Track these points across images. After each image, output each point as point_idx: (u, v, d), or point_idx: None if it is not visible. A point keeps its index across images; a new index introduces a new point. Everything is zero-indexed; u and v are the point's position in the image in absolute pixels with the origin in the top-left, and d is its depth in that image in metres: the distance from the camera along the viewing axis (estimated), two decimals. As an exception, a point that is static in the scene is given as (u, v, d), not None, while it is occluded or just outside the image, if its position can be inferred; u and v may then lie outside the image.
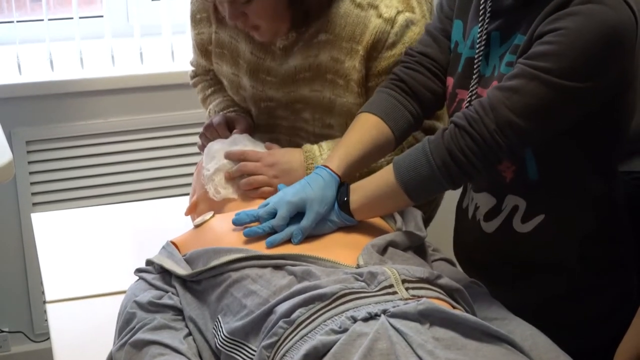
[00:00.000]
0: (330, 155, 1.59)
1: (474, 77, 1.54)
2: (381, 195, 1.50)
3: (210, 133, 1.87)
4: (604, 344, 1.54)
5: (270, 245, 1.46)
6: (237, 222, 1.51)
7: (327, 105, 1.82)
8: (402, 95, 1.66)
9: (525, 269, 1.61)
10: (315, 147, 1.76)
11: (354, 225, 1.53)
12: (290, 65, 1.81)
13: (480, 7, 1.54)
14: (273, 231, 1.49)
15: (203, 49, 1.97)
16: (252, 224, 1.52)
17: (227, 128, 1.87)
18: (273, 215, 1.50)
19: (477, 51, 1.54)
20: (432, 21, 1.70)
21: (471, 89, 1.55)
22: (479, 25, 1.54)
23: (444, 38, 1.66)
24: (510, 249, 1.61)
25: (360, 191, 1.52)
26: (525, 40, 1.44)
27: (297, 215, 1.50)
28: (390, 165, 1.49)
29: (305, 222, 1.48)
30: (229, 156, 1.71)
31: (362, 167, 1.63)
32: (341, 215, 1.51)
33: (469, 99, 1.55)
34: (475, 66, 1.54)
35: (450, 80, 1.63)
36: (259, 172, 1.70)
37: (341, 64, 1.75)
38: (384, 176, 1.50)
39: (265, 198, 1.60)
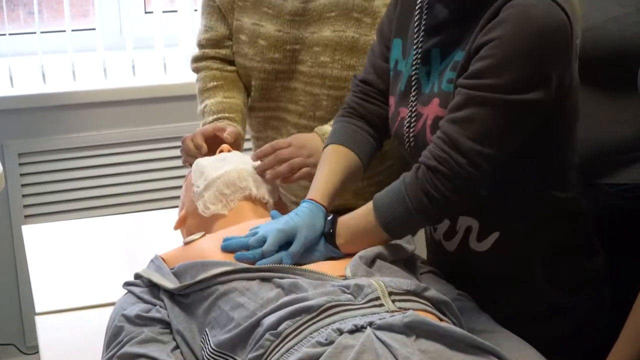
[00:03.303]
0: (312, 188, 1.60)
1: (411, 95, 1.55)
2: (364, 233, 1.51)
3: (186, 145, 1.88)
4: None
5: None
6: (226, 249, 1.51)
7: (349, 45, 1.89)
8: (359, 121, 1.69)
9: (489, 287, 1.60)
10: (326, 126, 1.83)
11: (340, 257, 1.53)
12: (317, 4, 1.91)
13: (415, 24, 1.55)
14: (262, 257, 1.48)
15: (229, 7, 2.03)
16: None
17: (203, 139, 1.88)
18: (262, 243, 1.49)
19: (413, 68, 1.54)
20: (373, 45, 1.72)
21: (410, 107, 1.55)
22: (415, 41, 1.55)
23: (383, 62, 1.67)
24: (472, 268, 1.61)
25: (345, 227, 1.52)
26: (464, 56, 1.44)
27: (286, 245, 1.50)
28: (371, 205, 1.50)
29: (294, 247, 1.48)
30: (259, 155, 1.75)
31: (340, 195, 1.64)
32: (328, 246, 1.52)
33: (408, 118, 1.55)
34: (413, 83, 1.55)
35: (392, 100, 1.63)
36: (294, 155, 1.75)
37: (371, 1, 1.87)
38: (366, 216, 1.50)
39: (304, 179, 1.67)
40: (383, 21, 1.69)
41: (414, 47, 1.54)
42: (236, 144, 1.89)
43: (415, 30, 1.54)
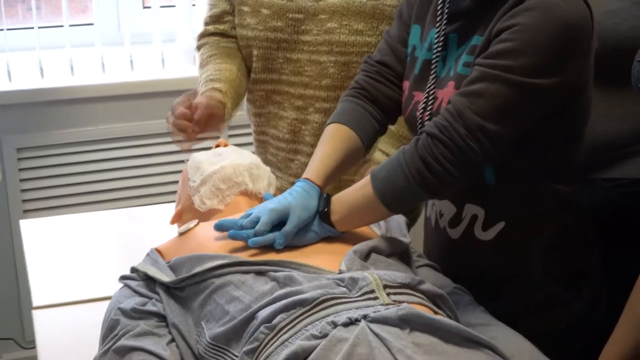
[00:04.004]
0: (308, 168, 1.60)
1: (430, 78, 1.56)
2: (361, 208, 1.50)
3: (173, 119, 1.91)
4: (571, 356, 1.55)
5: (254, 244, 1.46)
6: (219, 228, 1.52)
7: (357, 10, 1.91)
8: (367, 103, 1.68)
9: (487, 280, 1.61)
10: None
11: (337, 236, 1.53)
12: None
13: (438, 10, 1.56)
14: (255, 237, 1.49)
15: None
16: None
17: (187, 106, 1.90)
18: (255, 224, 1.50)
19: (434, 53, 1.55)
20: (391, 28, 1.72)
21: (427, 90, 1.56)
22: (437, 27, 1.56)
23: (401, 46, 1.68)
24: (475, 257, 1.61)
25: (340, 203, 1.52)
26: (483, 40, 1.46)
27: (280, 224, 1.50)
28: (369, 177, 1.49)
29: (288, 226, 1.48)
30: None
31: (337, 176, 1.64)
32: (323, 225, 1.52)
33: (425, 101, 1.56)
34: (432, 67, 1.55)
35: (406, 84, 1.64)
36: None
37: None
38: (363, 188, 1.50)
39: None
40: (402, 6, 1.70)
41: (436, 32, 1.55)
42: (215, 119, 1.91)
43: (438, 16, 1.55)
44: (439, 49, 1.55)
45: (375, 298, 1.28)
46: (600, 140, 1.77)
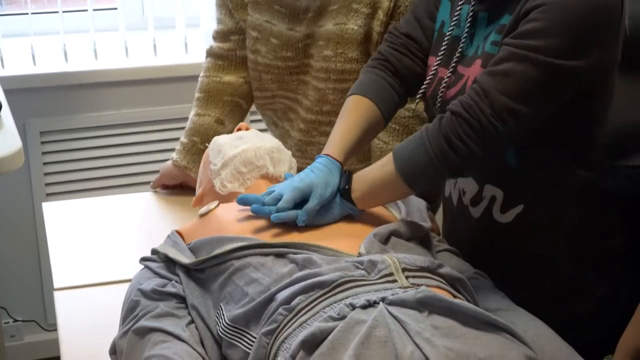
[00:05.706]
0: (329, 142, 1.60)
1: (455, 55, 1.55)
2: (382, 185, 1.50)
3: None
4: (593, 341, 1.54)
5: (276, 220, 1.46)
6: (241, 202, 1.51)
7: (350, 38, 1.90)
8: (389, 75, 1.67)
9: (509, 261, 1.60)
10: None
11: (357, 215, 1.54)
12: None
13: None
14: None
15: (239, 3, 2.05)
16: None
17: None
18: (278, 201, 1.50)
19: (464, 31, 1.54)
20: (418, 2, 1.70)
21: (451, 67, 1.55)
22: (468, 5, 1.55)
23: (429, 20, 1.67)
24: (493, 239, 1.61)
25: (361, 181, 1.52)
26: (511, 19, 1.44)
27: (302, 202, 1.50)
28: (390, 155, 1.49)
29: (310, 203, 1.48)
30: None
31: (358, 150, 1.64)
32: (344, 203, 1.52)
33: (447, 77, 1.55)
34: (460, 44, 1.55)
35: (432, 60, 1.63)
36: None
37: None
38: (385, 166, 1.50)
39: None
40: None
41: (469, 9, 1.54)
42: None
43: None
44: (468, 26, 1.54)
45: (394, 281, 1.28)
46: (624, 127, 1.76)
